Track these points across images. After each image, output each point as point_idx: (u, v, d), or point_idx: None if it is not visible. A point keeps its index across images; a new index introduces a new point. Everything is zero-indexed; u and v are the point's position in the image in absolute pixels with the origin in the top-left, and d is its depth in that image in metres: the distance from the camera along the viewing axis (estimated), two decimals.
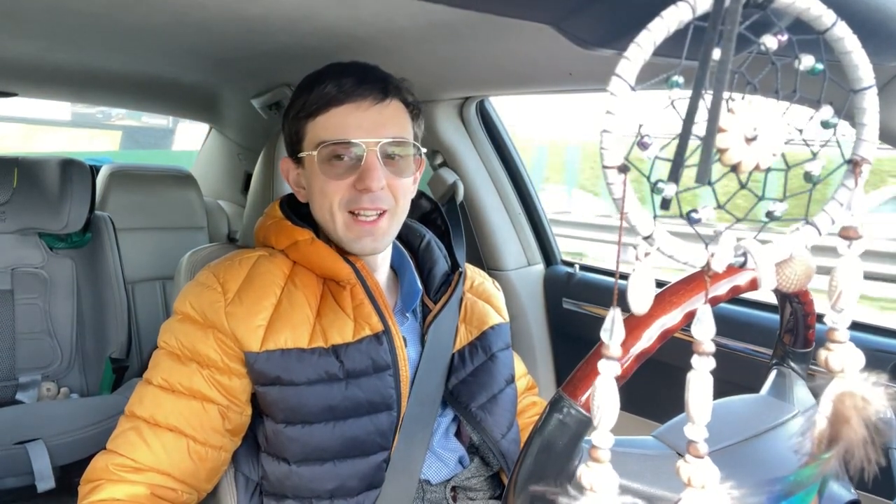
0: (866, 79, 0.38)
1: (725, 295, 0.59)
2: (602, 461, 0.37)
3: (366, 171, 0.94)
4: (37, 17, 1.33)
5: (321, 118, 0.97)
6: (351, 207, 0.96)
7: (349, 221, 0.97)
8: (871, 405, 0.40)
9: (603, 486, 0.36)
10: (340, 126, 0.95)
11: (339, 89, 0.95)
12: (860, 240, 0.37)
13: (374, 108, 0.96)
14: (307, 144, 0.99)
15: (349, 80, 0.96)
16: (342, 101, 0.95)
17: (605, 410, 0.36)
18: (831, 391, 0.40)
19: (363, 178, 0.94)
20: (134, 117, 10.25)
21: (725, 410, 0.73)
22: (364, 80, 0.96)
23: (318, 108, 0.96)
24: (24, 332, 1.99)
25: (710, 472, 0.35)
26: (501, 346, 1.14)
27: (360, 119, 0.95)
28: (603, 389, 0.36)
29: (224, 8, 1.20)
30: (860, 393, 0.40)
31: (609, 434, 0.37)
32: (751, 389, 0.80)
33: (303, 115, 0.98)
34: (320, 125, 0.97)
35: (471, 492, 1.08)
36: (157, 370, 0.95)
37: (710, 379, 0.35)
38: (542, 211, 1.97)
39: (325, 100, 0.96)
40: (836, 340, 0.40)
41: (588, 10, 0.60)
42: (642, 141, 0.32)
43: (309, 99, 0.97)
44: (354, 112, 0.95)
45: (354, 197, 0.96)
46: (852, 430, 0.39)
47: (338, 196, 0.96)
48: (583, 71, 1.27)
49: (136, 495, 0.89)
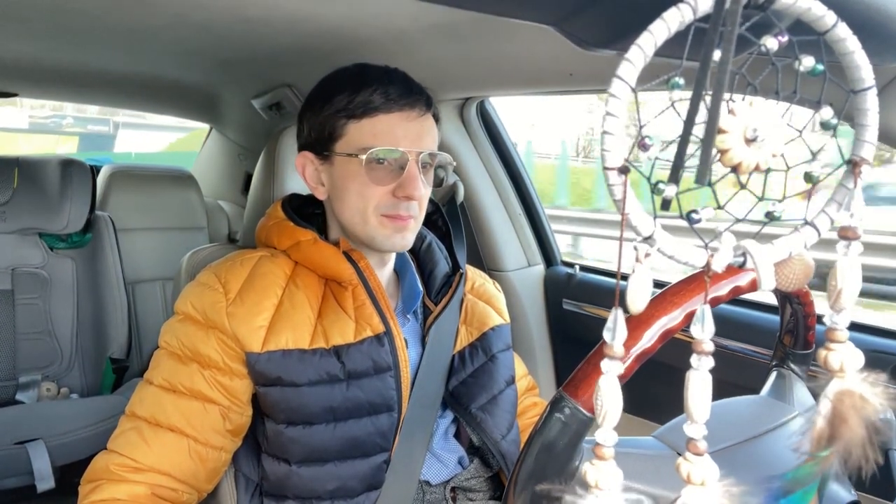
0: (866, 79, 0.38)
1: (727, 295, 0.59)
2: (607, 459, 0.37)
3: (408, 179, 0.96)
4: (37, 18, 1.34)
5: (367, 122, 0.97)
6: (385, 212, 0.98)
7: (382, 220, 0.98)
8: (870, 405, 0.40)
9: (608, 484, 0.37)
10: (389, 134, 0.96)
11: (388, 97, 0.96)
12: (859, 240, 0.37)
13: (418, 120, 0.98)
14: (345, 145, 0.98)
15: (396, 88, 0.97)
16: (391, 109, 0.96)
17: (608, 409, 0.36)
18: (830, 390, 0.40)
19: (405, 186, 0.96)
20: (80, 125, 12.75)
21: (726, 411, 0.73)
22: (410, 91, 0.98)
23: (365, 112, 0.96)
24: (24, 333, 1.99)
25: (709, 470, 0.36)
26: (502, 348, 1.15)
27: (407, 129, 0.97)
28: (606, 388, 0.36)
29: (225, 9, 1.20)
30: (859, 392, 0.40)
31: (613, 432, 0.37)
32: (751, 390, 0.80)
33: (343, 115, 0.98)
34: (366, 129, 0.97)
35: (470, 492, 1.09)
36: (157, 370, 0.96)
37: (710, 378, 0.35)
38: (543, 212, 1.98)
39: (374, 105, 0.96)
40: (835, 340, 0.40)
41: (589, 11, 0.60)
42: (643, 142, 0.32)
43: (354, 101, 0.97)
44: (402, 122, 0.97)
45: (392, 203, 0.97)
46: (851, 429, 0.40)
47: (374, 201, 0.97)
48: (584, 71, 1.27)
49: (137, 495, 0.89)
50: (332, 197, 1.02)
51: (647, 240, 0.34)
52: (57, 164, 2.07)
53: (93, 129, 12.04)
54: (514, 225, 1.93)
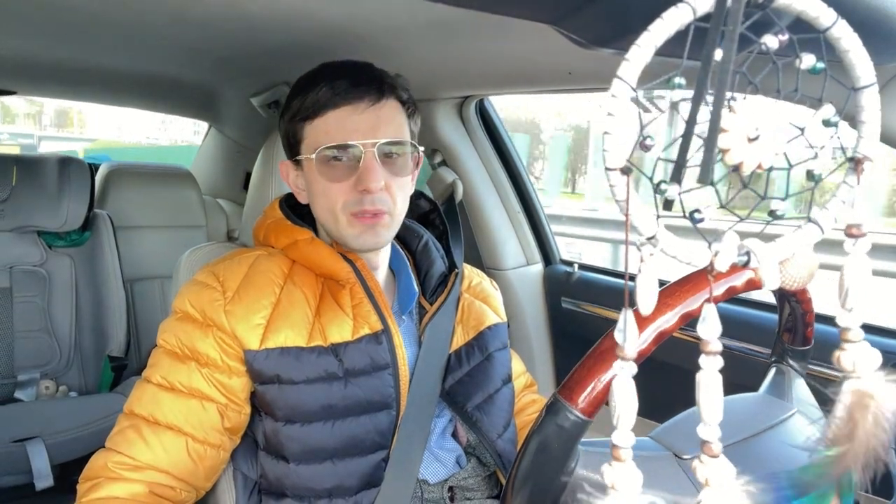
0: (867, 77, 0.38)
1: (722, 296, 0.58)
2: (624, 460, 0.37)
3: (364, 171, 0.95)
4: (36, 15, 1.33)
5: (318, 121, 0.97)
6: (352, 210, 0.97)
7: (351, 219, 0.98)
8: (884, 404, 0.40)
9: (626, 485, 0.36)
10: (338, 129, 0.95)
11: (334, 92, 0.95)
12: (865, 237, 0.37)
13: (370, 110, 0.96)
14: (305, 147, 0.99)
15: (343, 81, 0.96)
16: (338, 103, 0.96)
17: (623, 410, 0.36)
18: (845, 390, 0.40)
19: (362, 179, 0.95)
20: (13, 139, 16.14)
21: (724, 409, 0.72)
22: (359, 81, 0.96)
23: (315, 112, 0.96)
24: (22, 331, 1.99)
25: (726, 470, 0.35)
26: (498, 346, 1.14)
27: (357, 122, 0.96)
28: (620, 390, 0.36)
29: (223, 6, 1.19)
30: (873, 392, 0.40)
31: (630, 433, 0.37)
32: (749, 389, 0.80)
33: (299, 119, 0.99)
34: (317, 128, 0.97)
35: (468, 491, 1.09)
36: (156, 368, 0.95)
37: (720, 378, 0.35)
38: (542, 210, 1.97)
39: (321, 103, 0.96)
40: (849, 340, 0.40)
41: (587, 10, 0.60)
42: (644, 142, 0.32)
43: (305, 102, 0.97)
44: (351, 115, 0.96)
45: (356, 199, 0.96)
46: (864, 428, 0.39)
47: (340, 199, 0.97)
48: (582, 70, 1.27)
49: (135, 493, 0.89)
50: (310, 201, 1.03)
51: (649, 240, 0.34)
52: (55, 161, 2.07)
53: (22, 141, 16.16)
54: (512, 223, 1.93)
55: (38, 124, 29.46)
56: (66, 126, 31.66)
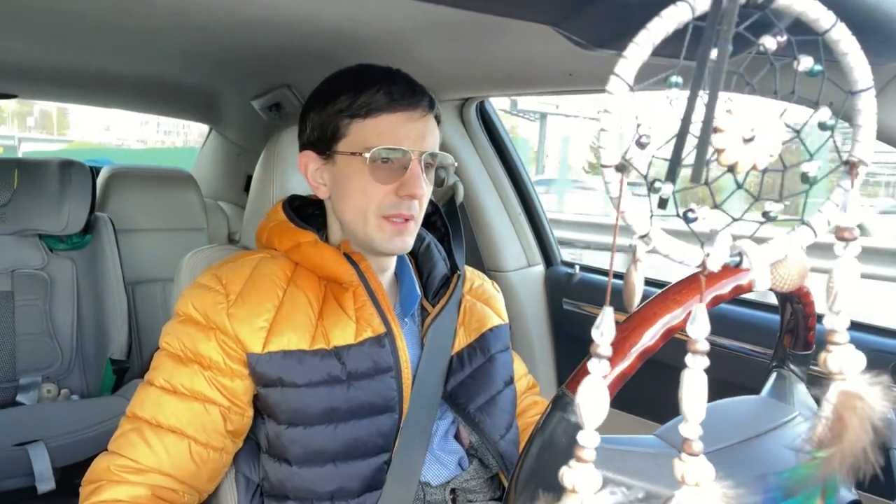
0: (864, 80, 0.38)
1: (728, 294, 0.58)
2: (587, 461, 0.36)
3: (411, 178, 0.96)
4: (37, 19, 1.34)
5: (370, 121, 0.97)
6: (387, 213, 0.98)
7: (382, 223, 0.99)
8: (871, 406, 0.40)
9: (585, 487, 0.36)
10: (392, 133, 0.96)
11: (392, 97, 0.97)
12: (856, 241, 0.37)
13: (421, 121, 0.99)
14: (349, 144, 0.99)
15: (400, 88, 0.98)
16: (394, 109, 0.97)
17: (592, 409, 0.36)
18: (832, 392, 0.40)
19: (408, 185, 0.96)
20: None
21: (725, 411, 0.72)
22: (414, 91, 0.99)
23: (368, 112, 0.97)
24: (24, 334, 1.99)
25: (704, 470, 0.35)
26: (500, 348, 1.14)
27: (409, 129, 0.97)
28: (590, 388, 0.36)
29: (224, 9, 1.20)
30: (860, 394, 0.40)
31: (595, 433, 0.36)
32: (751, 390, 0.80)
33: (347, 115, 0.98)
34: (368, 128, 0.97)
35: (470, 493, 1.09)
36: (158, 371, 0.96)
37: (705, 377, 0.35)
38: (543, 211, 1.97)
39: (377, 105, 0.97)
40: (835, 342, 0.40)
41: (588, 11, 0.60)
42: (639, 140, 0.32)
43: (357, 100, 0.97)
44: (405, 122, 0.97)
45: (393, 203, 0.97)
46: (852, 430, 0.39)
47: (377, 200, 0.98)
48: (583, 71, 1.27)
49: (138, 496, 0.89)
50: (334, 196, 1.02)
51: (642, 238, 0.34)
52: (56, 165, 2.07)
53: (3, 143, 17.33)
54: (514, 225, 1.93)
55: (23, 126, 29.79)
56: (48, 128, 31.86)
